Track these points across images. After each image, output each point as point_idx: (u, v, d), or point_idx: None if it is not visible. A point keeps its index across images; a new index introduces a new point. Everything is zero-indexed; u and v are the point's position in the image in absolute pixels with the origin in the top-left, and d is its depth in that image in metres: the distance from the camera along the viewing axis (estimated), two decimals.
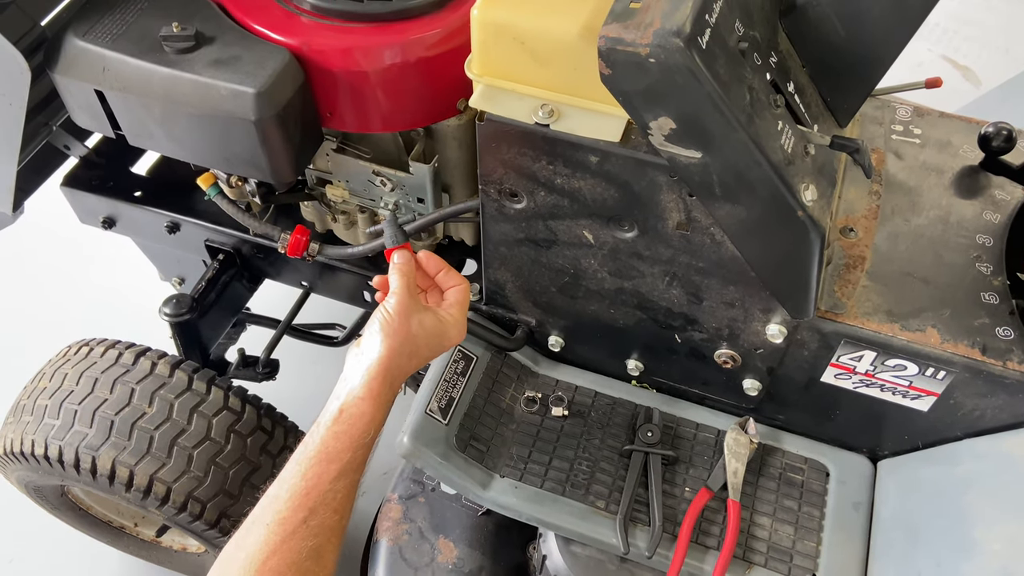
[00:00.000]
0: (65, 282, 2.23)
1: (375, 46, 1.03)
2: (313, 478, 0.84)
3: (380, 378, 0.89)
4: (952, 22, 2.93)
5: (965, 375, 0.95)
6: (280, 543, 0.81)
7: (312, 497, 0.83)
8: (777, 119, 0.84)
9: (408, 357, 0.92)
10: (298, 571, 0.80)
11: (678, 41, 0.71)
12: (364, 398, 0.88)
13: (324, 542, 0.83)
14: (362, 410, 0.87)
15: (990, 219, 1.07)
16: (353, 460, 0.86)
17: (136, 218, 1.46)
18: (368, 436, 0.88)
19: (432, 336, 0.94)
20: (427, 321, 0.94)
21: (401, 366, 0.91)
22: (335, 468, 0.85)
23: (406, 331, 0.91)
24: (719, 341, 1.07)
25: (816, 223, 0.84)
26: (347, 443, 0.86)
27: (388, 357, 0.89)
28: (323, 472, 0.85)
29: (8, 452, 1.30)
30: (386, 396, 0.90)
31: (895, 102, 1.22)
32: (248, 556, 0.80)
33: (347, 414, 0.88)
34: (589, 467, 1.12)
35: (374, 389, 0.88)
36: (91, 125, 1.15)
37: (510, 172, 0.97)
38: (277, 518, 0.82)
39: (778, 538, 1.06)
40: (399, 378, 0.92)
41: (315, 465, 0.85)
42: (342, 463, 0.85)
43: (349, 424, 0.87)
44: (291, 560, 0.80)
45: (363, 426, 0.87)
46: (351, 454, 0.86)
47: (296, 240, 1.21)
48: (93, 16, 1.08)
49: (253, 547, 0.80)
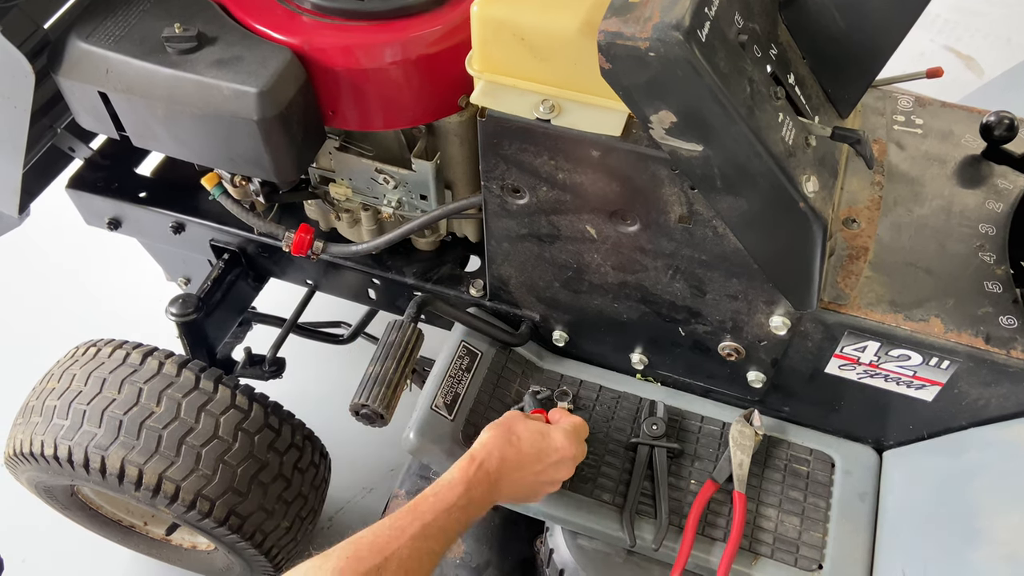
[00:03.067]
0: (72, 283, 2.24)
1: (376, 44, 1.03)
2: (396, 528, 0.87)
3: (497, 476, 0.95)
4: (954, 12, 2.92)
5: (969, 364, 0.95)
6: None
7: (389, 547, 0.85)
8: (778, 111, 0.84)
9: (526, 481, 0.98)
10: None
11: (677, 34, 0.72)
12: (478, 484, 0.93)
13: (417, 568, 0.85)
14: (453, 487, 0.92)
15: (992, 208, 1.07)
16: (435, 524, 0.88)
17: (141, 219, 1.46)
18: (451, 515, 0.90)
19: (534, 435, 0.99)
20: (530, 426, 1.01)
21: (517, 481, 0.97)
22: (418, 525, 0.87)
23: (509, 430, 0.99)
24: (723, 334, 1.07)
25: (818, 214, 0.84)
26: (432, 507, 0.90)
27: (490, 449, 0.96)
28: (406, 525, 0.87)
29: (18, 453, 1.31)
30: (486, 498, 0.94)
31: (896, 92, 1.22)
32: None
33: (441, 484, 0.92)
34: (595, 461, 1.12)
35: (491, 481, 0.94)
36: (95, 127, 1.16)
37: (512, 168, 0.97)
38: (353, 552, 0.83)
39: (784, 529, 1.06)
40: (504, 493, 0.96)
41: (402, 516, 0.88)
42: (424, 523, 0.88)
43: (441, 494, 0.91)
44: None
45: (451, 498, 0.90)
46: (433, 517, 0.88)
47: (300, 239, 1.21)
48: (96, 18, 1.08)
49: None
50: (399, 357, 1.08)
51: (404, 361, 1.09)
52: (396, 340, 1.10)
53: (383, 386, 1.05)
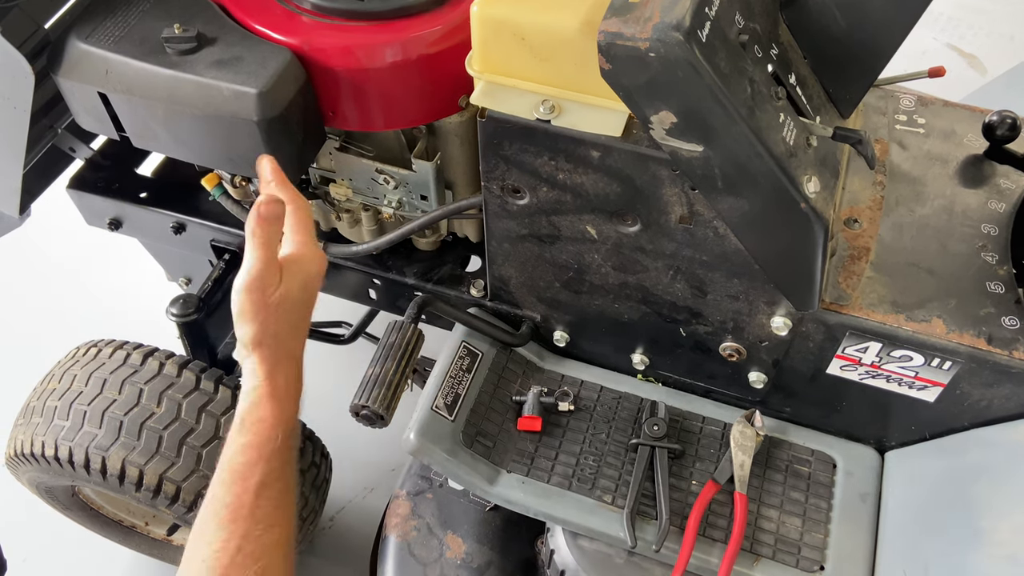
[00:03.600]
0: (73, 284, 2.24)
1: (376, 44, 1.03)
2: (234, 501, 0.78)
3: (268, 370, 0.83)
4: (957, 10, 2.91)
5: (971, 365, 0.95)
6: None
7: (240, 524, 0.78)
8: (779, 111, 0.84)
9: (288, 328, 0.85)
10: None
11: (678, 35, 0.71)
12: (258, 401, 0.82)
13: (269, 561, 0.78)
14: (261, 414, 0.82)
15: (995, 208, 1.06)
16: (269, 470, 0.80)
17: (142, 219, 1.46)
18: (276, 440, 0.81)
19: (298, 289, 0.87)
20: (286, 282, 0.86)
21: (284, 344, 0.85)
22: (252, 484, 0.79)
23: (266, 306, 0.84)
24: (724, 334, 1.07)
25: (819, 215, 0.84)
26: (255, 455, 0.80)
27: (264, 345, 0.83)
28: (242, 492, 0.79)
29: (19, 454, 1.31)
30: (284, 387, 0.83)
31: (898, 92, 1.22)
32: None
33: (247, 423, 0.82)
34: (595, 461, 1.12)
35: (267, 386, 0.83)
36: (95, 128, 1.16)
37: (512, 168, 0.97)
38: (212, 552, 0.76)
39: (785, 530, 1.06)
40: (290, 358, 0.86)
41: (232, 486, 0.79)
42: (257, 477, 0.79)
43: (253, 433, 0.81)
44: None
45: (267, 431, 0.81)
46: (264, 464, 0.80)
47: None
48: (95, 18, 1.08)
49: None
50: (399, 358, 1.08)
51: (404, 362, 1.09)
52: (396, 341, 1.09)
53: (383, 387, 1.05)
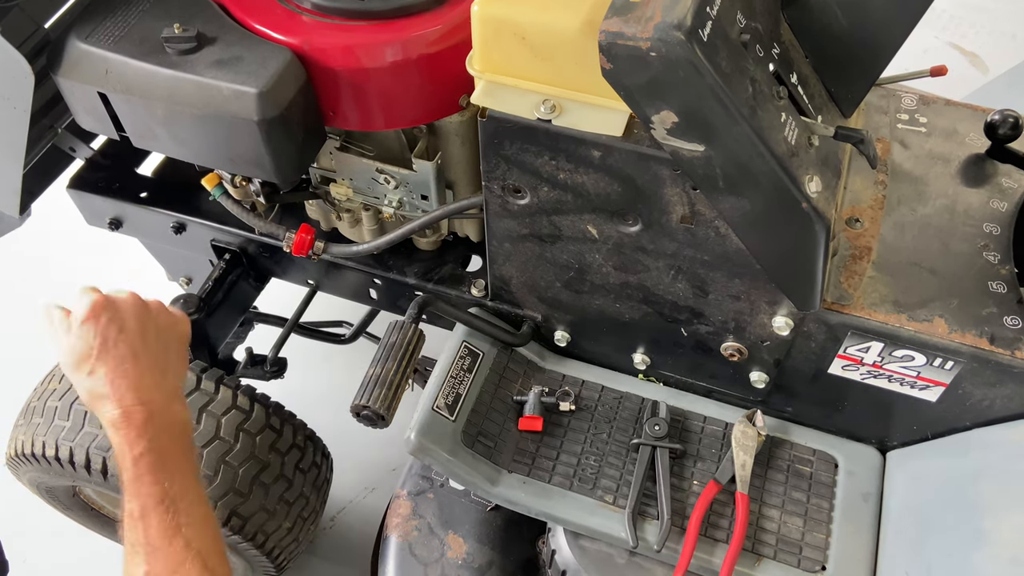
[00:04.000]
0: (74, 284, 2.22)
1: (377, 44, 1.02)
2: (126, 534, 0.88)
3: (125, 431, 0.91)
4: (959, 8, 2.90)
5: (973, 365, 0.94)
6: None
7: (135, 548, 0.87)
8: (780, 111, 0.83)
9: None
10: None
11: (679, 34, 0.71)
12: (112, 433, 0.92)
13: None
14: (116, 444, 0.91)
15: (997, 207, 1.06)
16: (129, 497, 0.88)
17: (142, 219, 1.46)
18: (127, 471, 0.89)
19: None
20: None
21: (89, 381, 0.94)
22: (131, 512, 0.88)
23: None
24: (725, 334, 1.07)
25: (821, 215, 0.84)
26: (124, 491, 0.89)
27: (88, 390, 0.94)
28: (128, 523, 0.88)
29: (19, 454, 1.30)
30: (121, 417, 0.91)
31: (900, 91, 1.22)
32: None
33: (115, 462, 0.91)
34: (597, 461, 1.12)
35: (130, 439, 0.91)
36: (95, 128, 1.15)
37: (513, 168, 0.97)
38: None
39: (787, 530, 1.06)
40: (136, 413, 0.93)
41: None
42: (130, 505, 0.88)
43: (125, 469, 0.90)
44: None
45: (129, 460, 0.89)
46: (126, 494, 0.88)
47: (301, 239, 1.21)
48: (95, 18, 1.08)
49: None
50: (400, 358, 1.08)
51: (405, 362, 1.08)
52: (397, 341, 1.09)
53: (384, 387, 1.05)
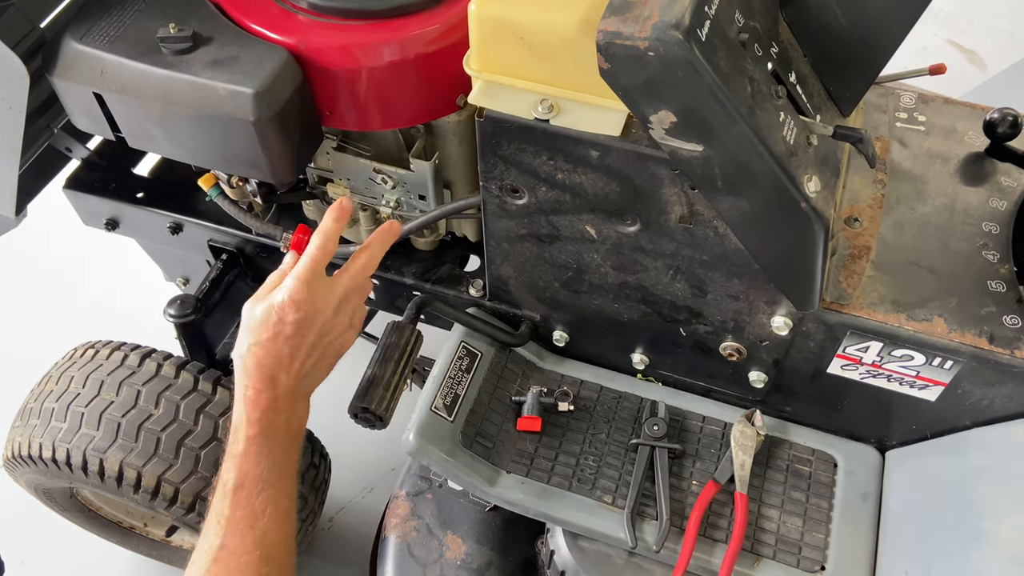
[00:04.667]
0: (70, 285, 2.23)
1: (373, 43, 1.02)
2: (215, 504, 0.88)
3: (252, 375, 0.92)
4: (957, 5, 2.90)
5: (973, 364, 0.94)
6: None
7: (222, 525, 0.86)
8: (779, 110, 0.83)
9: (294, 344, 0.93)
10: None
11: (677, 34, 0.71)
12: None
13: (249, 560, 0.85)
14: (232, 417, 0.92)
15: (996, 206, 1.06)
16: (240, 473, 0.88)
17: (139, 219, 1.46)
18: (238, 444, 0.89)
19: (264, 323, 0.93)
20: (258, 315, 0.93)
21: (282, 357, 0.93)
22: (229, 488, 0.88)
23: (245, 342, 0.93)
24: (724, 334, 1.07)
25: (820, 214, 0.83)
26: (227, 457, 0.90)
27: (247, 372, 0.92)
28: (221, 496, 0.88)
29: (16, 455, 1.30)
30: (253, 395, 0.91)
31: (899, 89, 1.21)
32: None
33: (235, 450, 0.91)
34: (595, 462, 1.12)
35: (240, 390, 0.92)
36: (91, 128, 1.15)
37: (511, 168, 0.96)
38: (200, 553, 0.84)
39: (786, 530, 1.06)
40: (281, 370, 0.93)
41: (215, 490, 0.89)
42: (230, 479, 0.88)
43: (226, 437, 0.92)
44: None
45: (231, 434, 0.90)
46: (234, 467, 0.89)
47: (298, 239, 1.19)
48: (90, 18, 1.07)
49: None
50: (398, 359, 1.07)
51: (403, 363, 1.08)
52: (395, 342, 1.09)
53: (382, 388, 1.04)
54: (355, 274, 0.98)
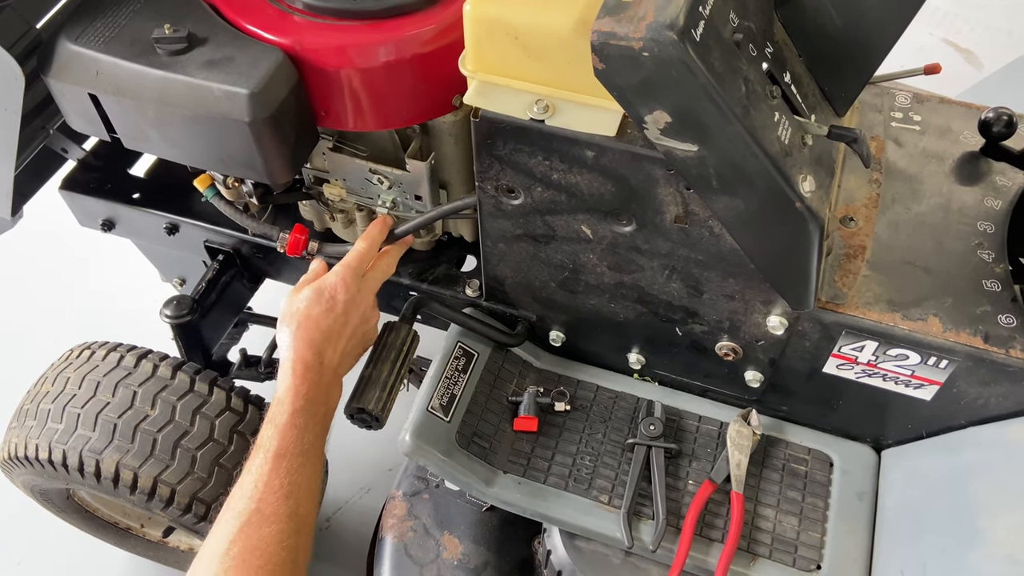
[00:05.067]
0: (66, 285, 2.23)
1: (369, 44, 1.02)
2: (256, 468, 0.90)
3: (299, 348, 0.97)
4: (953, 4, 2.90)
5: (968, 364, 0.94)
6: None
7: (259, 489, 0.88)
8: (773, 110, 0.83)
9: (337, 329, 1.00)
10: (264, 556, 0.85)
11: (671, 34, 0.71)
12: (279, 375, 0.97)
13: (282, 527, 0.87)
14: (276, 388, 0.96)
15: (991, 205, 1.06)
16: (282, 442, 0.91)
17: (135, 220, 1.46)
18: (283, 414, 0.92)
19: (314, 301, 1.00)
20: (306, 295, 1.01)
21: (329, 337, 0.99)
22: (270, 455, 0.90)
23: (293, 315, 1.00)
24: (720, 333, 1.07)
25: (815, 214, 0.83)
26: (270, 427, 0.93)
27: (294, 345, 0.98)
28: (263, 462, 0.90)
29: (13, 457, 1.30)
30: (302, 369, 0.96)
31: (894, 89, 1.21)
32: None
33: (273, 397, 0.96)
34: (592, 462, 1.12)
35: (288, 363, 0.97)
36: (86, 129, 1.15)
37: (506, 168, 0.97)
38: (234, 514, 0.86)
39: (782, 529, 1.06)
40: (318, 368, 0.97)
41: (255, 456, 0.92)
42: (272, 447, 0.91)
43: (270, 408, 0.95)
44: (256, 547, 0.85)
45: (275, 405, 0.94)
46: (277, 436, 0.92)
47: (295, 239, 1.20)
48: (85, 19, 1.07)
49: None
50: (394, 360, 1.07)
51: (399, 363, 1.08)
52: (391, 342, 1.09)
53: (378, 389, 1.04)
54: (381, 276, 1.10)
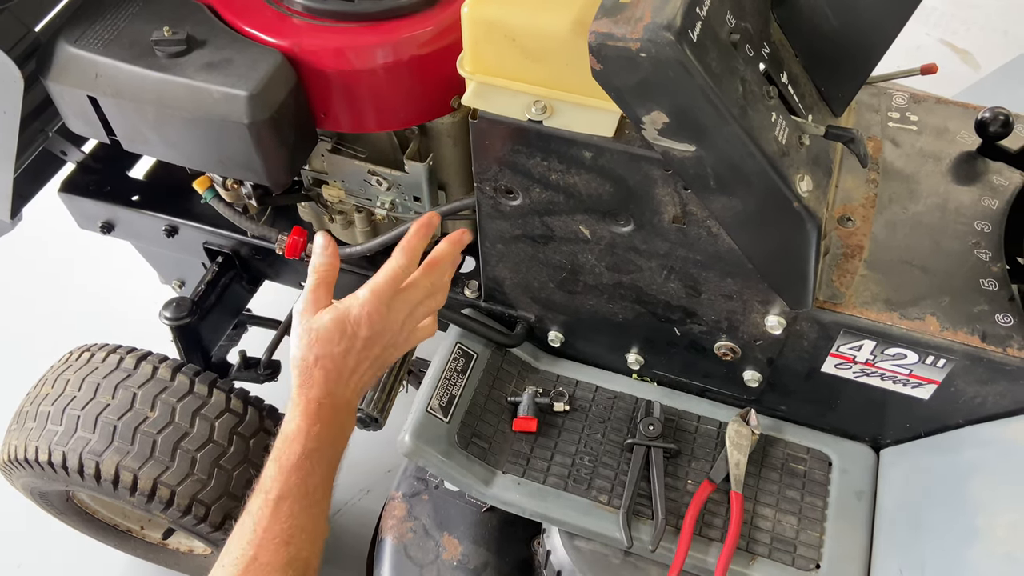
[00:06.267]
0: (65, 288, 2.23)
1: (367, 45, 1.02)
2: (257, 511, 0.85)
3: (302, 412, 0.88)
4: (950, 5, 2.91)
5: (965, 362, 0.95)
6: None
7: (259, 534, 0.83)
8: (771, 110, 0.83)
9: (356, 359, 0.91)
10: None
11: (668, 35, 0.71)
12: (287, 415, 0.89)
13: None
14: (283, 427, 0.88)
15: (988, 205, 1.06)
16: (287, 485, 0.85)
17: (134, 222, 1.46)
18: (294, 456, 0.86)
19: (333, 330, 0.90)
20: (323, 322, 0.91)
21: (327, 380, 0.90)
22: (272, 497, 0.85)
23: (308, 346, 0.90)
24: (718, 333, 1.07)
25: (812, 214, 0.84)
26: (275, 468, 0.86)
27: (304, 381, 0.89)
28: (263, 504, 0.85)
29: (13, 459, 1.30)
30: (315, 409, 0.88)
31: (891, 89, 1.22)
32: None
33: (278, 436, 0.88)
34: (591, 462, 1.12)
35: (298, 402, 0.88)
36: (86, 131, 1.15)
37: (505, 169, 0.97)
38: (231, 559, 0.82)
39: (781, 529, 1.06)
40: (329, 402, 0.89)
41: (256, 497, 0.86)
42: (275, 491, 0.85)
43: (275, 447, 0.88)
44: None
45: (283, 445, 0.87)
46: (282, 479, 0.85)
47: (294, 241, 1.21)
48: (84, 22, 1.07)
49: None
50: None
51: (398, 364, 1.08)
52: None
53: (377, 390, 1.05)
54: (420, 296, 0.97)
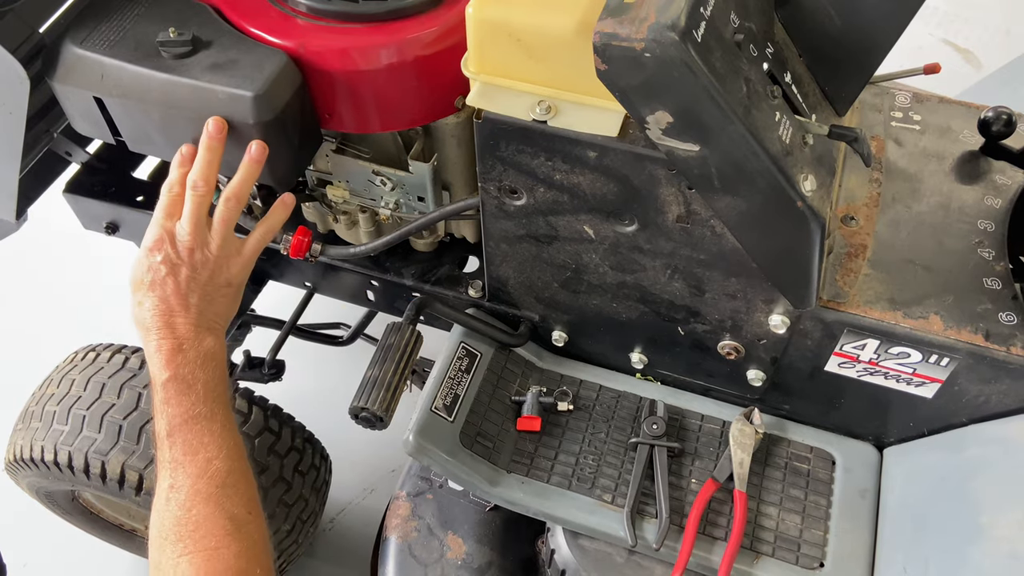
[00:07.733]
0: (70, 288, 2.24)
1: (372, 46, 1.03)
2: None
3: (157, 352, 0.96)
4: (952, 4, 2.91)
5: (969, 361, 0.95)
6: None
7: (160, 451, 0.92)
8: (774, 110, 0.84)
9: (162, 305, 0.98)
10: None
11: (673, 35, 0.71)
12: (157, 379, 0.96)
13: (198, 487, 0.89)
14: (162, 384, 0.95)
15: (991, 204, 1.07)
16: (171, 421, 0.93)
17: (139, 223, 1.46)
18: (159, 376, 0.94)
19: (144, 266, 0.98)
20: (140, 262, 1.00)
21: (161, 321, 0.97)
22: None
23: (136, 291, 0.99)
24: (722, 333, 1.07)
25: (816, 213, 0.84)
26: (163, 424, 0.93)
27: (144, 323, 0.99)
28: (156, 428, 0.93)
29: (18, 459, 1.31)
30: (175, 359, 0.95)
31: (894, 88, 1.22)
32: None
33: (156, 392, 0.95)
34: (595, 461, 1.12)
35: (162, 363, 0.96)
36: (91, 132, 1.15)
37: (509, 169, 0.97)
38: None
39: (785, 527, 1.06)
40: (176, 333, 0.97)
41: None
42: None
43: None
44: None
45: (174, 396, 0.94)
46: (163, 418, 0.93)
47: (298, 241, 1.21)
48: (90, 23, 1.08)
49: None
50: (398, 360, 1.08)
51: (403, 364, 1.09)
52: (395, 343, 1.09)
53: (382, 389, 1.05)
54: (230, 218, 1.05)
